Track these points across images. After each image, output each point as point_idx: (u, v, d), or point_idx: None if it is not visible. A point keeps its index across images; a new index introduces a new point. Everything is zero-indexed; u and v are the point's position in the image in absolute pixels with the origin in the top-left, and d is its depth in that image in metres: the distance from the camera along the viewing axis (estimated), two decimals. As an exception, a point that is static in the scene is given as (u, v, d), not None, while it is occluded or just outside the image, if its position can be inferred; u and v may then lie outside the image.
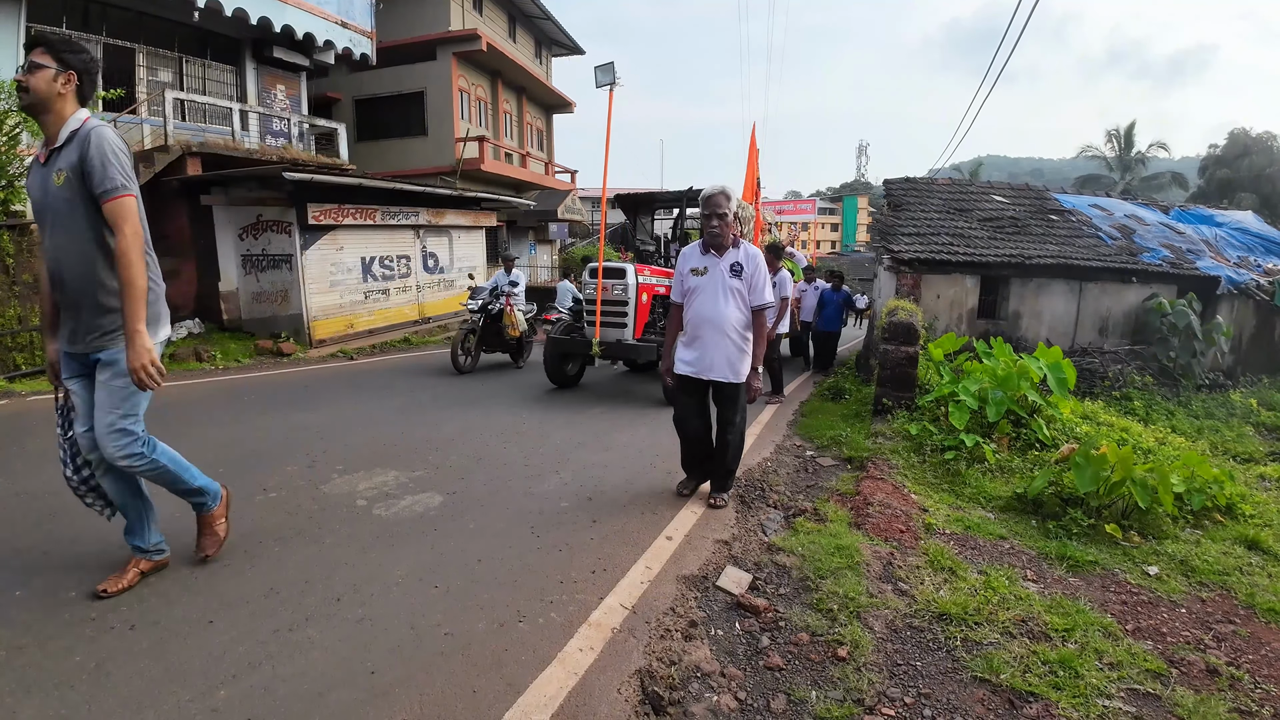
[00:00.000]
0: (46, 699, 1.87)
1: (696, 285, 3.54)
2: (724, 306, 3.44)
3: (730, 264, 3.48)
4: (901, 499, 3.89)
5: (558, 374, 7.01)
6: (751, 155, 10.18)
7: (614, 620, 2.43)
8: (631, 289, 6.53)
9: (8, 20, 8.85)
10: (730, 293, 3.45)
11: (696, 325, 3.51)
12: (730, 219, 3.46)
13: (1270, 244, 10.92)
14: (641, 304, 6.58)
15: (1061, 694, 2.10)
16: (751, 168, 10.03)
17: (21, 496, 3.48)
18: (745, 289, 3.48)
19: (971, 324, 8.95)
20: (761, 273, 3.48)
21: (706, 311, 3.48)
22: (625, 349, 6.44)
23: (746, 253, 3.51)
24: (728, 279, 3.46)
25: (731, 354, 3.46)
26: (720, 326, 3.45)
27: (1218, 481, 4.04)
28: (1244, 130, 33.16)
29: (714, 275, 3.50)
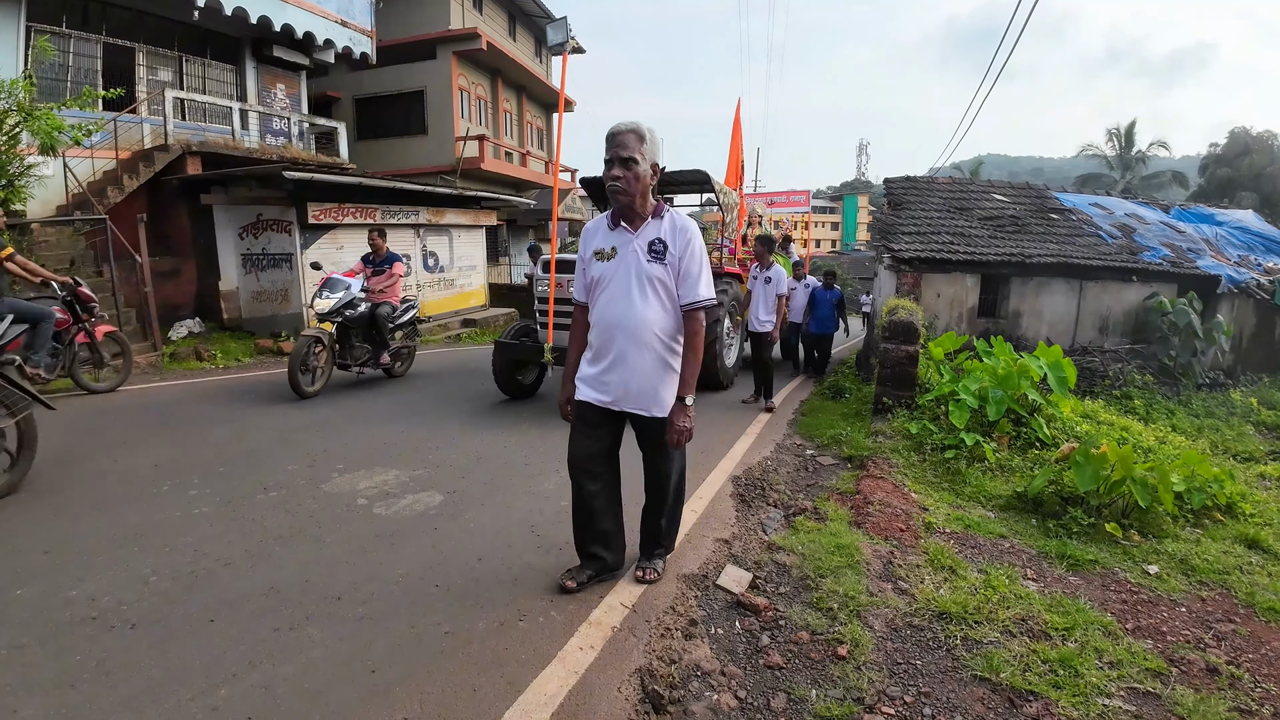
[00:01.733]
0: (47, 698, 1.88)
1: (602, 274, 2.44)
2: (640, 304, 2.37)
3: (648, 242, 2.38)
4: (902, 498, 3.89)
5: (509, 383, 6.23)
6: (736, 134, 9.27)
7: (614, 619, 2.43)
8: None
9: (8, 20, 8.84)
10: (649, 284, 2.37)
11: (603, 332, 2.44)
12: (646, 174, 2.35)
13: (1270, 243, 10.92)
14: None
15: (1061, 693, 2.10)
16: (735, 148, 9.21)
17: (23, 495, 3.48)
18: (671, 278, 2.40)
19: (972, 323, 8.94)
20: (695, 254, 2.40)
21: (616, 312, 2.40)
22: None
23: (674, 225, 2.40)
24: (644, 263, 2.36)
25: (654, 375, 2.41)
26: (635, 333, 2.37)
27: (1218, 480, 4.04)
28: (1244, 129, 33.13)
29: (625, 259, 2.40)
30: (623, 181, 2.32)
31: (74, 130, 7.43)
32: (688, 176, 7.60)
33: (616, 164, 2.32)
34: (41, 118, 7.03)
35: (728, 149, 9.15)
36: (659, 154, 2.42)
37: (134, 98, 10.28)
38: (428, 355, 9.90)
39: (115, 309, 7.81)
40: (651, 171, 2.37)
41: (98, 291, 7.83)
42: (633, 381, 2.40)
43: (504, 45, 18.73)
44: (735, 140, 9.25)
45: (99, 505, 3.37)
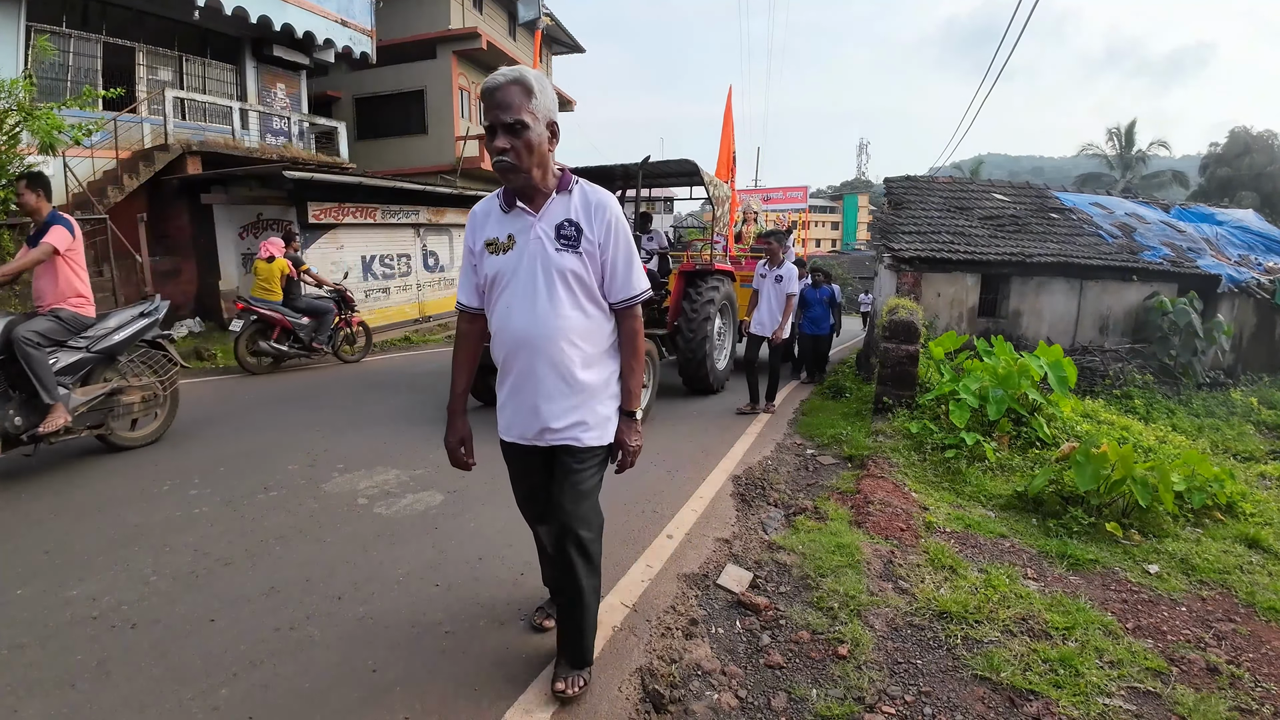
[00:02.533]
0: (48, 698, 1.88)
1: (498, 272, 1.84)
2: (550, 308, 1.79)
3: (555, 225, 1.81)
4: (902, 497, 3.89)
5: (480, 387, 5.57)
6: (727, 124, 8.94)
7: (615, 618, 2.43)
8: None
9: (8, 19, 8.84)
10: (560, 280, 1.79)
11: (506, 348, 1.86)
12: (542, 137, 1.74)
13: (1271, 242, 10.91)
14: None
15: (1062, 692, 2.10)
16: (726, 138, 8.87)
17: (23, 495, 3.49)
18: (590, 271, 1.82)
19: (972, 322, 8.95)
20: (620, 238, 1.84)
21: (520, 321, 1.81)
22: None
23: (587, 201, 1.84)
24: (552, 254, 1.79)
25: (581, 394, 1.84)
26: (548, 348, 1.80)
27: (1218, 480, 4.04)
28: (1245, 129, 33.14)
29: (526, 250, 1.81)
30: (511, 155, 1.69)
31: (74, 130, 7.43)
32: (674, 167, 7.05)
33: (500, 132, 1.69)
34: (41, 117, 7.03)
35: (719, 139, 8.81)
36: (554, 108, 1.78)
37: (134, 97, 10.29)
38: (428, 355, 9.90)
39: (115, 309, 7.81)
40: (549, 134, 1.76)
41: (98, 291, 7.83)
42: (553, 407, 1.81)
43: (504, 45, 18.73)
44: (726, 130, 8.86)
45: (99, 505, 3.37)
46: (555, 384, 1.82)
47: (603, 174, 6.91)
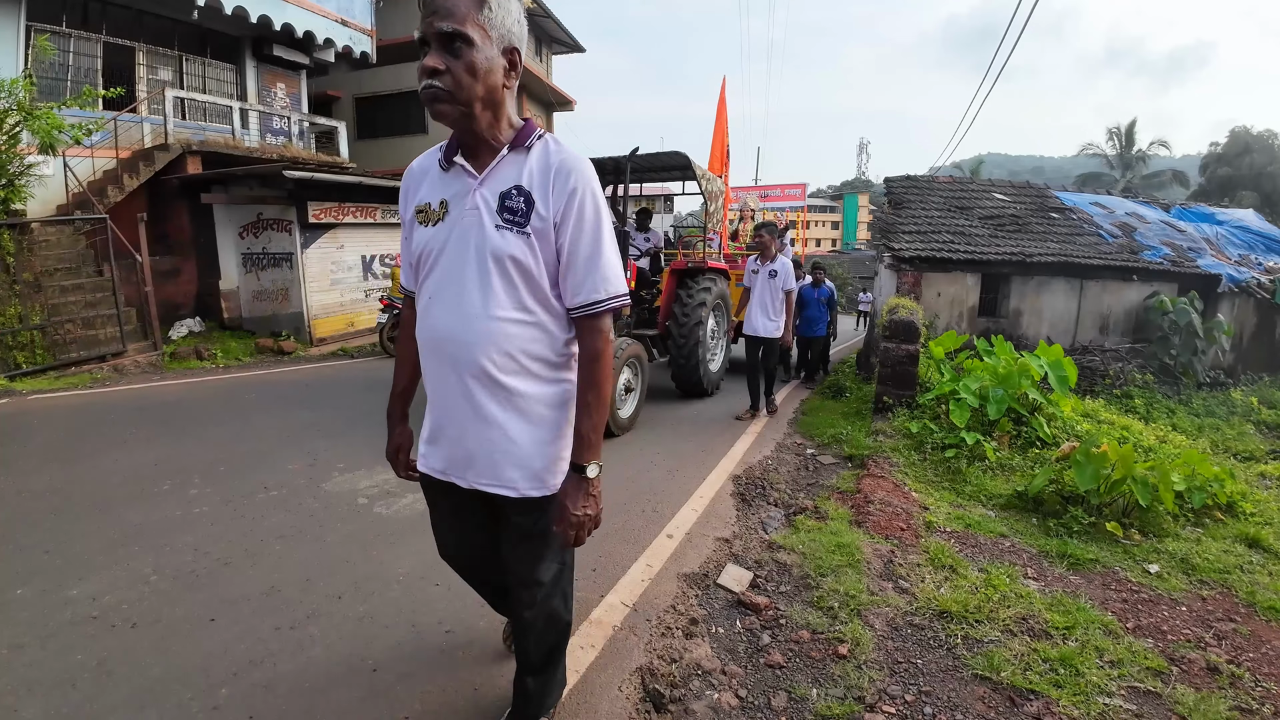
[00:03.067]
0: (48, 697, 1.88)
1: (425, 248, 1.42)
2: (480, 306, 1.35)
3: (501, 193, 1.35)
4: (902, 497, 3.89)
5: None
6: (720, 116, 8.61)
7: (615, 618, 2.43)
8: None
9: (8, 19, 8.83)
10: (496, 269, 1.34)
11: (426, 352, 1.46)
12: (494, 64, 1.31)
13: (1271, 242, 10.90)
14: None
15: (1062, 692, 2.10)
16: (720, 131, 8.57)
17: (23, 495, 3.49)
18: (538, 258, 1.35)
19: (972, 322, 8.94)
20: (588, 216, 1.35)
21: (442, 320, 1.39)
22: None
23: (548, 161, 1.36)
24: (489, 231, 1.34)
25: (514, 427, 1.41)
26: (472, 358, 1.37)
27: (1218, 480, 4.04)
28: (1245, 128, 33.14)
29: (459, 223, 1.37)
30: (446, 80, 1.23)
31: (74, 129, 7.43)
32: (665, 160, 6.72)
33: (433, 46, 1.25)
34: (42, 117, 7.04)
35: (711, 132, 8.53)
36: (517, 30, 1.33)
37: (134, 97, 10.29)
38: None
39: (115, 308, 7.82)
40: (506, 63, 1.32)
41: (98, 291, 7.85)
42: (481, 439, 1.38)
43: (504, 44, 18.70)
44: (719, 123, 8.54)
45: (99, 504, 3.37)
46: (486, 408, 1.36)
47: None
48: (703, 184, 6.98)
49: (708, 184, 7.08)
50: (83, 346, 7.39)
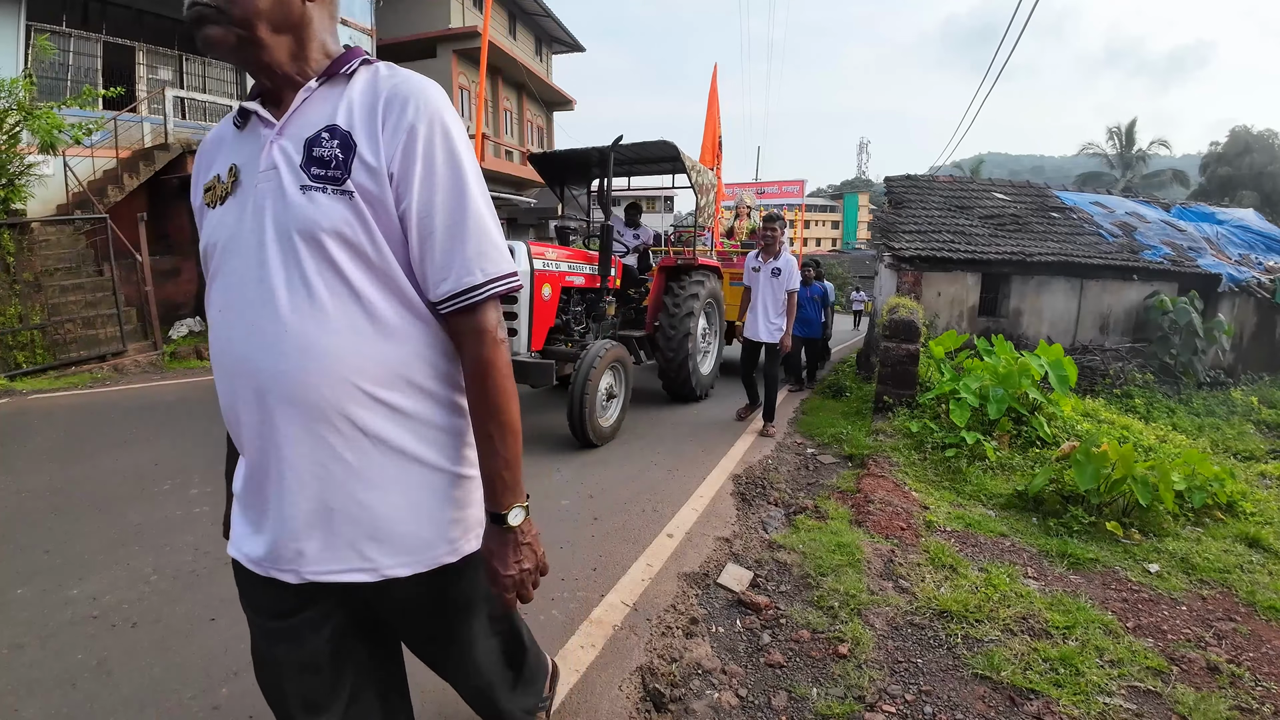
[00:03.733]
0: (48, 697, 1.88)
1: (211, 240, 0.97)
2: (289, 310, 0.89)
3: (307, 140, 0.91)
4: (902, 496, 3.89)
5: None
6: (712, 106, 8.29)
7: (615, 617, 2.43)
8: (522, 278, 4.24)
9: (8, 19, 8.84)
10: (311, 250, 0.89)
11: (223, 390, 1.01)
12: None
13: (1271, 241, 10.91)
14: (541, 300, 4.76)
15: (1062, 691, 2.10)
16: (711, 122, 8.23)
17: (23, 494, 3.49)
18: (370, 230, 0.91)
19: (972, 321, 8.94)
20: (439, 167, 0.92)
21: (241, 343, 0.93)
22: (517, 367, 4.41)
23: (377, 90, 0.92)
24: (293, 195, 0.89)
25: (374, 481, 0.95)
26: (286, 396, 0.91)
27: (1218, 479, 4.04)
28: (1245, 128, 33.16)
29: (251, 192, 0.92)
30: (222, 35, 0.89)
31: (74, 129, 7.43)
32: (652, 151, 6.36)
33: None
34: (42, 117, 7.04)
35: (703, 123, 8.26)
36: None
37: (134, 96, 10.29)
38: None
39: (115, 308, 7.82)
40: None
41: (98, 290, 7.85)
42: (305, 508, 0.94)
43: (504, 44, 18.73)
44: (711, 113, 8.20)
45: (100, 504, 3.37)
46: (328, 467, 0.93)
47: (572, 159, 6.40)
48: (693, 176, 6.53)
49: (698, 176, 6.65)
50: (83, 346, 7.40)
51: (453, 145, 0.94)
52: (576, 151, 6.19)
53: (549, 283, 4.86)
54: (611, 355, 4.73)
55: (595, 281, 5.45)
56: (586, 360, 4.49)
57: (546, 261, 4.85)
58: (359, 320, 0.91)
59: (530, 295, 4.69)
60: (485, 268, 0.94)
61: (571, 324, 5.32)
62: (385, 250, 0.92)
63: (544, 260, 4.83)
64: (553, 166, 6.66)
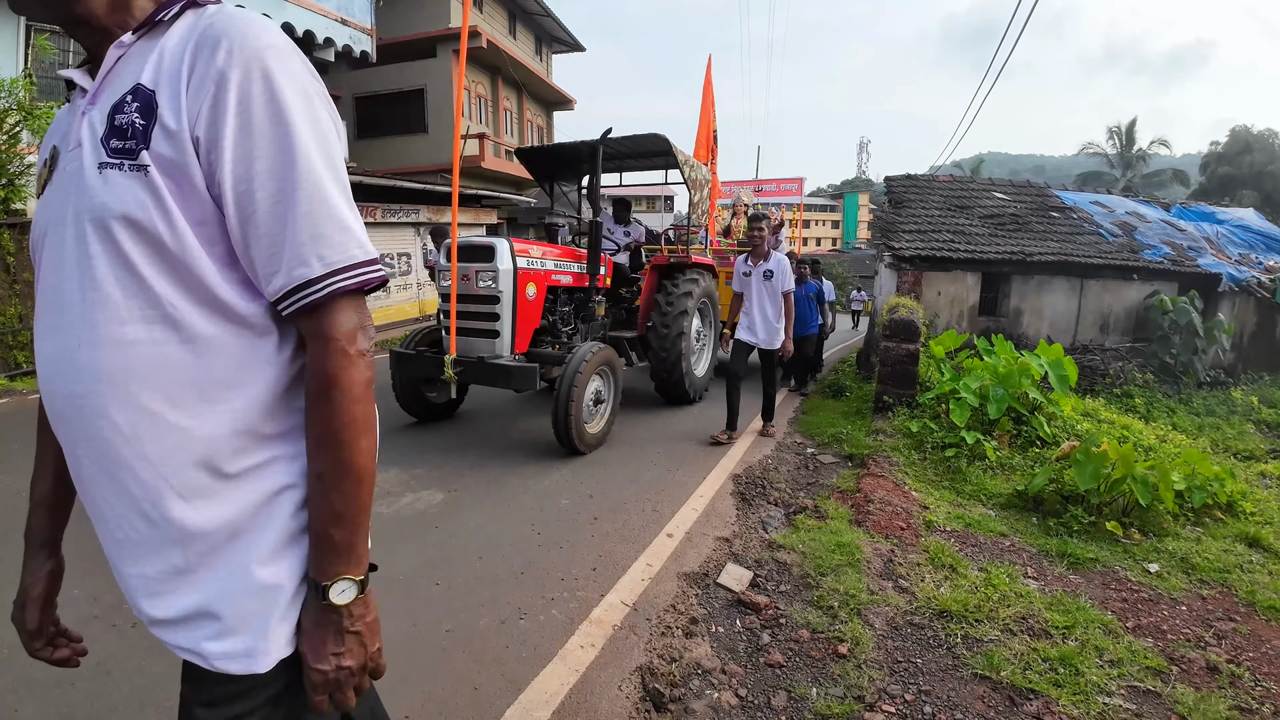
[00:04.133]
0: (48, 697, 1.88)
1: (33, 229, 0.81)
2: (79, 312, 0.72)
3: (114, 103, 0.72)
4: (902, 496, 3.89)
5: (414, 402, 5.13)
6: (706, 98, 7.98)
7: (615, 617, 2.43)
8: (505, 277, 4.47)
9: (8, 19, 8.83)
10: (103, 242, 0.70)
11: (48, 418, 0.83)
12: None
13: (1271, 241, 10.90)
14: (525, 300, 4.59)
15: (1062, 691, 2.10)
16: (706, 114, 7.95)
17: (24, 494, 3.49)
18: (169, 212, 0.69)
19: (972, 321, 8.94)
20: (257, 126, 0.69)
21: (43, 349, 0.77)
22: (494, 371, 4.37)
23: (195, 27, 0.73)
24: (90, 178, 0.71)
25: (152, 537, 0.77)
26: (82, 414, 0.74)
27: (1218, 479, 4.04)
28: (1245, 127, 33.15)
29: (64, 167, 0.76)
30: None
31: (74, 129, 7.42)
32: (643, 144, 6.05)
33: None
34: (42, 116, 7.04)
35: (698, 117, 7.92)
36: None
37: (134, 96, 10.27)
38: (428, 354, 9.91)
39: (116, 308, 7.81)
40: None
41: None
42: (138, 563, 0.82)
43: (504, 43, 18.72)
44: (705, 106, 7.93)
45: (100, 504, 3.37)
46: (123, 510, 0.80)
47: (560, 154, 6.16)
48: (685, 171, 6.21)
49: (691, 171, 6.34)
50: (83, 346, 7.38)
51: (277, 95, 0.71)
52: (564, 146, 5.97)
53: (534, 282, 4.68)
54: (599, 358, 4.50)
55: (584, 280, 5.29)
56: (572, 364, 4.29)
57: (531, 260, 4.69)
58: (157, 329, 0.71)
59: (514, 295, 4.51)
60: (325, 255, 0.72)
61: (559, 325, 5.15)
62: (186, 237, 0.71)
63: (528, 258, 4.66)
64: (541, 162, 6.42)
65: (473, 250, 4.56)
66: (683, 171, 6.20)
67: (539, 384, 4.39)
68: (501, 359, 4.47)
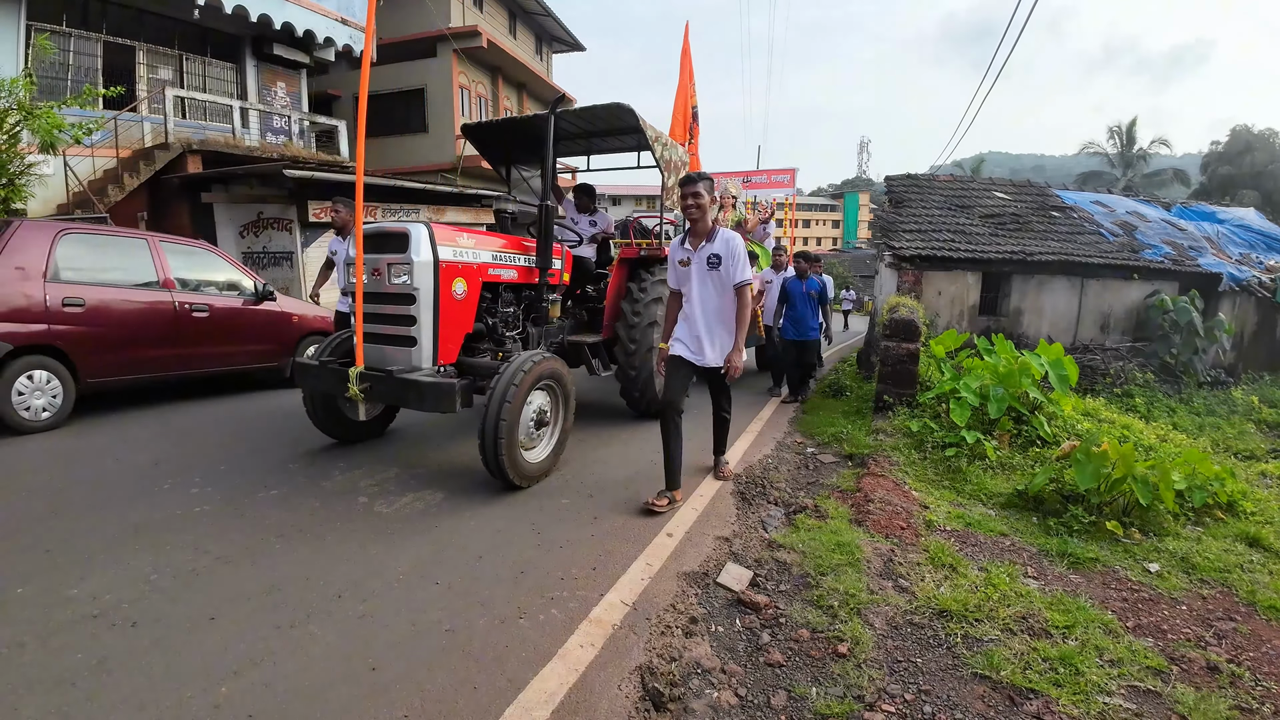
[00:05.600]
0: (48, 696, 1.88)
1: None
2: None
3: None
4: (902, 496, 3.89)
5: (330, 420, 4.39)
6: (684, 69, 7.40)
7: (615, 617, 2.43)
8: (422, 271, 3.67)
9: (8, 18, 8.84)
10: None
11: None
12: None
13: (1272, 241, 10.90)
14: (451, 299, 3.81)
15: (1062, 691, 2.10)
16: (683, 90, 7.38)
17: (24, 493, 3.49)
18: None
19: (973, 320, 8.94)
20: None
21: None
22: (403, 388, 3.60)
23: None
24: None
25: None
26: None
27: (1219, 479, 4.04)
28: (1246, 127, 33.17)
29: None
30: None
31: (74, 129, 7.43)
32: (603, 118, 5.34)
33: None
34: (42, 116, 7.04)
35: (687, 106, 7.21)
36: None
37: (134, 96, 10.30)
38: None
39: (116, 307, 7.81)
40: None
41: (99, 290, 7.84)
42: None
43: (504, 43, 18.72)
44: (683, 78, 7.35)
45: (100, 503, 3.38)
46: None
47: (511, 129, 5.54)
48: (657, 150, 5.36)
49: (664, 150, 5.50)
50: (83, 345, 7.39)
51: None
52: (515, 121, 5.37)
53: (463, 276, 3.87)
54: (539, 370, 3.66)
55: (535, 276, 4.54)
56: (505, 377, 3.49)
57: (459, 249, 3.89)
58: None
59: (434, 293, 3.71)
60: None
61: (501, 328, 4.36)
62: None
63: (455, 248, 3.86)
64: (493, 141, 5.67)
65: (382, 239, 3.78)
66: (654, 151, 5.35)
67: (462, 403, 3.55)
68: (421, 371, 3.71)
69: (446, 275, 3.78)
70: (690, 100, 7.35)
